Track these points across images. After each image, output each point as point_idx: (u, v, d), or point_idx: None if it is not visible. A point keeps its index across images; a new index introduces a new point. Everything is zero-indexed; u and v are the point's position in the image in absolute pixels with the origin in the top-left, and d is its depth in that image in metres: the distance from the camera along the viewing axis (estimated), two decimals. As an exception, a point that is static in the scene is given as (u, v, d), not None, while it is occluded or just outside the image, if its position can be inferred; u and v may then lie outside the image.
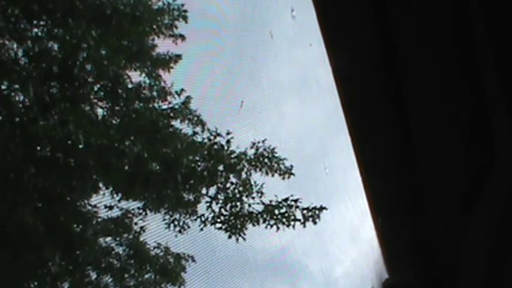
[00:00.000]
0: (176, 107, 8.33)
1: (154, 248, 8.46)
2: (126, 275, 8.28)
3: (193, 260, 8.46)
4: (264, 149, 8.72)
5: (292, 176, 8.75)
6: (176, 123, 8.34)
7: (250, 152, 8.67)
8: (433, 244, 2.19)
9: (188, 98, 8.36)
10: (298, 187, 8.86)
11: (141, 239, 8.38)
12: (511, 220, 2.14)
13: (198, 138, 8.46)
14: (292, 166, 8.76)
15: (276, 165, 8.73)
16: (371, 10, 1.86)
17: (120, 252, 8.30)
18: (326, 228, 8.69)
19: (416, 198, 2.13)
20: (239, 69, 8.60)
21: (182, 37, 8.50)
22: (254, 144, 8.69)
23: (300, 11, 7.14)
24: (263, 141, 8.70)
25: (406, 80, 1.94)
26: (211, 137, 8.44)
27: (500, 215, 2.17)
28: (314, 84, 8.37)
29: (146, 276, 8.39)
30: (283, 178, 8.75)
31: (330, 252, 8.99)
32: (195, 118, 8.43)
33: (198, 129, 8.44)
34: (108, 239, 8.25)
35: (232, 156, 8.50)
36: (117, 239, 8.28)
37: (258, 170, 8.67)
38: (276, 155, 8.73)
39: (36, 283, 7.91)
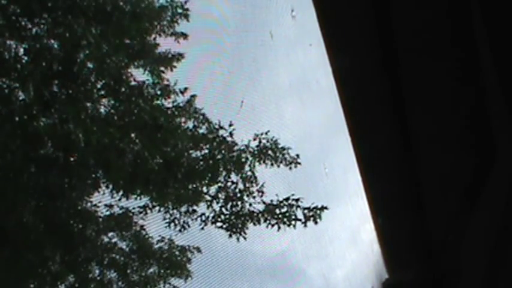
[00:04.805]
0: (181, 105, 8.33)
1: (158, 241, 8.46)
2: (129, 270, 8.28)
3: (198, 251, 8.45)
4: (267, 141, 8.67)
5: (298, 166, 8.68)
6: (180, 121, 8.34)
7: (253, 145, 8.65)
8: (433, 244, 2.20)
9: (193, 96, 8.36)
10: (298, 187, 8.85)
11: (144, 233, 8.38)
12: (511, 220, 2.14)
13: (200, 132, 8.45)
14: (298, 155, 8.69)
15: (280, 155, 8.68)
16: (371, 10, 1.87)
17: (123, 247, 8.29)
18: (326, 229, 8.69)
19: (416, 198, 2.13)
20: (239, 70, 8.59)
21: (184, 36, 8.50)
22: (257, 136, 8.65)
23: (300, 11, 7.14)
24: (266, 133, 8.66)
25: (406, 80, 1.94)
26: (214, 130, 8.43)
27: (500, 215, 2.17)
28: (314, 84, 8.38)
29: (151, 270, 8.39)
30: (290, 168, 8.70)
31: (330, 254, 9.00)
32: (201, 117, 8.43)
33: (203, 126, 8.43)
34: (110, 235, 8.25)
35: (235, 148, 8.49)
36: (119, 235, 8.28)
37: (262, 162, 8.64)
38: (280, 145, 8.68)
39: (36, 282, 7.91)
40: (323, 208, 8.50)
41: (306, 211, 8.52)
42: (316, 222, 8.50)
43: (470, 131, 2.14)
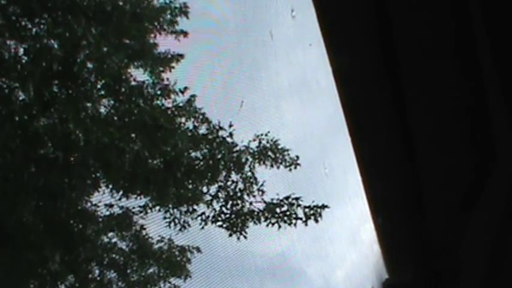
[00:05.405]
0: (180, 105, 8.32)
1: (158, 241, 8.45)
2: (129, 270, 8.28)
3: (198, 251, 8.44)
4: (267, 141, 8.67)
5: (298, 167, 8.67)
6: (180, 120, 8.33)
7: (253, 145, 8.65)
8: (433, 244, 2.20)
9: (193, 96, 8.36)
10: (299, 187, 8.85)
11: (144, 233, 8.38)
12: (511, 220, 2.14)
13: (200, 132, 8.45)
14: (298, 157, 8.69)
15: (280, 156, 8.68)
16: (371, 10, 1.87)
17: (123, 247, 8.29)
18: (326, 229, 8.68)
19: (416, 198, 2.13)
20: (239, 69, 8.60)
21: (185, 33, 8.48)
22: (257, 136, 8.65)
23: (300, 11, 7.15)
24: (266, 134, 8.66)
25: (406, 80, 1.94)
26: (214, 130, 8.43)
27: (500, 215, 2.18)
28: (314, 84, 8.37)
29: (151, 270, 8.39)
30: (290, 169, 8.69)
31: (330, 254, 8.99)
32: (200, 116, 8.43)
33: (203, 126, 8.43)
34: (110, 235, 8.25)
35: (235, 149, 8.49)
36: (119, 235, 8.28)
37: (262, 162, 8.63)
38: (280, 146, 8.68)
39: (36, 282, 7.91)
40: (323, 207, 8.49)
41: (306, 210, 8.51)
42: (316, 221, 8.49)
43: (470, 131, 2.14)
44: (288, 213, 8.55)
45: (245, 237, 8.50)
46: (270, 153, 8.65)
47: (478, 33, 1.93)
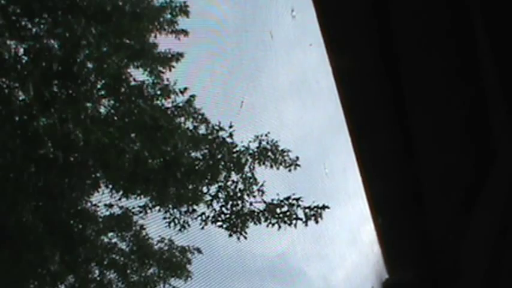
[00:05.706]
0: (180, 105, 8.32)
1: (158, 242, 8.46)
2: (129, 271, 8.27)
3: (199, 252, 8.44)
4: (267, 142, 8.68)
5: (298, 167, 8.68)
6: (180, 120, 8.34)
7: (253, 146, 8.66)
8: (433, 244, 2.20)
9: (193, 96, 8.36)
10: (299, 188, 8.85)
11: (143, 233, 8.37)
12: (511, 220, 2.14)
13: (200, 132, 8.46)
14: (297, 157, 8.70)
15: (280, 157, 8.69)
16: (371, 10, 1.87)
17: (123, 248, 8.29)
18: (326, 230, 8.68)
19: (416, 198, 2.13)
20: (239, 69, 8.60)
21: (185, 32, 8.48)
22: (257, 137, 8.65)
23: (300, 11, 7.15)
24: (266, 135, 8.67)
25: (406, 80, 1.94)
26: (214, 131, 8.43)
27: (500, 215, 2.17)
28: (314, 84, 8.37)
29: (151, 270, 8.38)
30: (290, 170, 8.70)
31: (330, 254, 8.99)
32: (200, 116, 8.43)
33: (202, 126, 8.43)
34: (110, 235, 8.25)
35: (235, 150, 8.49)
36: (119, 235, 8.28)
37: (261, 163, 8.64)
38: (280, 148, 8.69)
39: (36, 282, 7.91)
40: (324, 207, 8.49)
41: (307, 210, 8.51)
42: (317, 222, 8.50)
43: (471, 131, 2.14)
44: (288, 213, 8.55)
45: (245, 237, 8.50)
46: (269, 154, 8.66)
47: (478, 33, 1.93)
